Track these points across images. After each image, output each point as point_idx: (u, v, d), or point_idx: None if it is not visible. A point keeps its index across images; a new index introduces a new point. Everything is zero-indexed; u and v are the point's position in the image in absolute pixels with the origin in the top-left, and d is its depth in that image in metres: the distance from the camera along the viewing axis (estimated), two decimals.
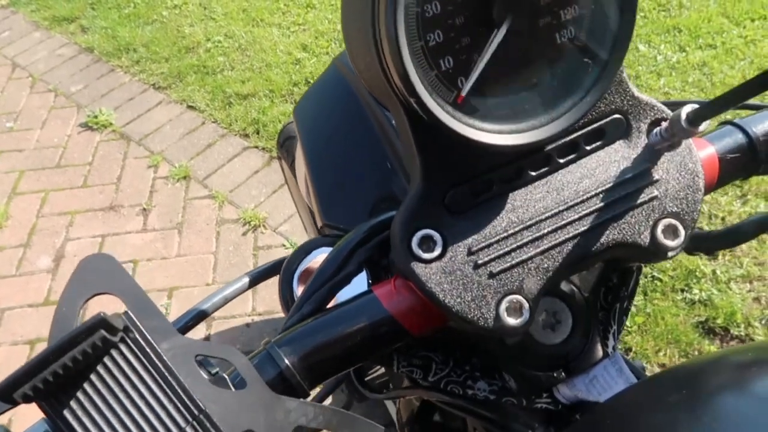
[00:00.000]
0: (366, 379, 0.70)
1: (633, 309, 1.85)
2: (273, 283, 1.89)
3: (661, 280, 1.89)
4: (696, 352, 1.73)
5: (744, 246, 1.92)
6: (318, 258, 0.54)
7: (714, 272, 1.87)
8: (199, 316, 0.56)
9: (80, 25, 3.28)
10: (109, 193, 2.42)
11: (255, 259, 2.14)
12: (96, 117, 2.70)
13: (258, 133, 2.54)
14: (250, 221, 2.22)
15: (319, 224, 0.63)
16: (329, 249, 0.52)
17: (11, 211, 2.39)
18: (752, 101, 0.53)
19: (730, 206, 2.01)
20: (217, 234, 2.23)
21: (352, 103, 0.66)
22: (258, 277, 0.61)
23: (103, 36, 3.16)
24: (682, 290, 1.85)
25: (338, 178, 0.65)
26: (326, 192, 0.65)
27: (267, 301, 2.00)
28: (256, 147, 2.51)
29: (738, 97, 0.35)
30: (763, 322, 1.77)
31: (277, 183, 2.35)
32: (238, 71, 2.82)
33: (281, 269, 0.56)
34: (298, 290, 0.55)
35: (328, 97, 0.71)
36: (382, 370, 0.95)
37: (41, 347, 2.14)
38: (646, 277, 1.91)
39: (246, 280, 0.60)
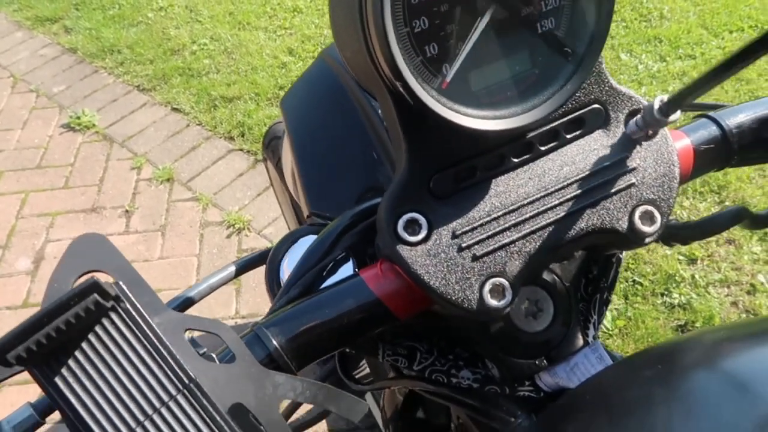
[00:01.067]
0: (357, 376, 0.70)
1: (614, 312, 1.88)
2: (257, 286, 1.88)
3: (641, 284, 1.92)
4: None
5: (722, 251, 1.96)
6: (304, 246, 0.55)
7: (693, 277, 1.90)
8: (185, 303, 0.56)
9: (63, 26, 3.25)
10: (91, 195, 2.40)
11: None
12: (78, 118, 2.68)
13: (243, 136, 2.54)
14: (235, 224, 2.22)
15: (306, 214, 0.64)
16: (315, 237, 0.53)
17: None
18: (718, 102, 0.56)
19: (709, 212, 2.05)
20: (200, 236, 2.22)
21: (339, 94, 0.67)
22: (245, 266, 0.61)
23: (87, 37, 3.14)
24: (662, 294, 1.88)
25: (325, 167, 0.66)
26: (313, 181, 0.65)
27: (251, 303, 1.99)
28: (241, 150, 2.50)
29: (703, 86, 0.37)
30: None
31: (262, 186, 2.34)
32: (224, 74, 2.82)
33: (267, 258, 0.56)
34: (285, 278, 0.55)
35: (316, 89, 0.72)
36: (368, 370, 0.95)
37: None
38: (626, 281, 1.94)
39: (232, 268, 0.60)
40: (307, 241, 0.55)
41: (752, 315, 1.84)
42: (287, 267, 0.55)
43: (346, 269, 0.52)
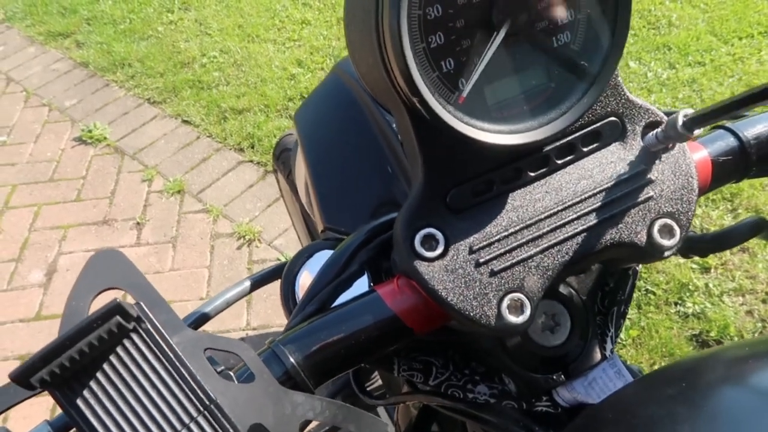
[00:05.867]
0: (368, 389, 0.70)
1: (627, 322, 1.86)
2: (267, 297, 1.88)
3: (654, 294, 1.90)
4: None
5: (736, 259, 1.94)
6: (319, 260, 0.55)
7: (707, 285, 1.88)
8: (201, 319, 0.56)
9: (75, 41, 3.30)
10: (102, 207, 2.41)
11: (249, 273, 2.14)
12: (90, 131, 2.70)
13: (253, 148, 2.55)
14: (245, 235, 2.22)
15: (320, 228, 0.64)
16: (331, 252, 0.53)
17: (3, 225, 2.38)
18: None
19: (721, 220, 2.04)
20: (211, 248, 2.22)
21: (353, 108, 0.67)
22: (260, 281, 0.61)
23: (99, 51, 3.18)
24: (676, 303, 1.87)
25: (339, 182, 0.66)
26: (327, 196, 0.65)
27: (261, 315, 1.99)
28: (251, 161, 2.52)
29: (734, 107, 0.36)
30: (756, 334, 1.78)
31: (272, 197, 2.35)
32: (234, 86, 2.84)
33: (283, 273, 0.56)
34: (300, 293, 0.55)
35: (330, 103, 0.73)
36: (380, 382, 0.95)
37: None
38: (639, 291, 1.92)
39: (247, 284, 0.60)
40: (322, 256, 0.55)
41: None
42: (303, 282, 0.55)
43: (361, 283, 0.52)
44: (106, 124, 2.77)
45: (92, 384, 0.28)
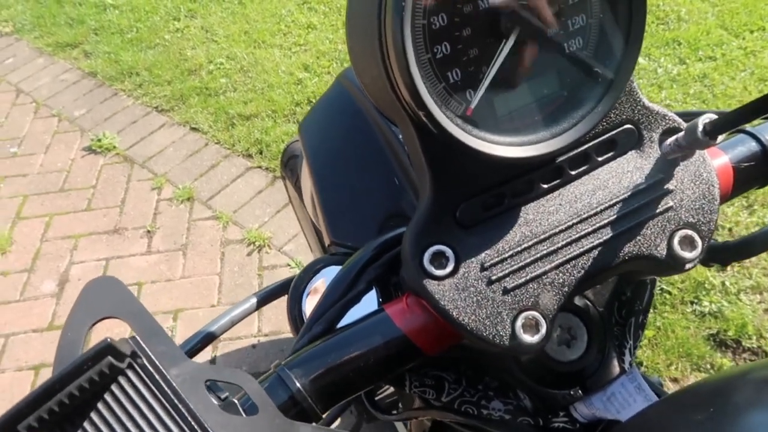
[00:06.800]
0: (376, 399, 0.68)
1: None
2: (278, 304, 1.88)
3: (670, 293, 1.87)
4: (708, 366, 1.71)
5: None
6: (327, 277, 0.53)
7: (723, 284, 1.85)
8: (206, 339, 0.55)
9: (83, 51, 3.31)
10: (113, 216, 2.42)
11: (260, 280, 2.13)
12: (99, 140, 2.71)
13: (261, 153, 2.55)
14: (255, 241, 2.22)
15: (327, 242, 0.63)
16: (338, 267, 0.51)
17: (15, 236, 2.39)
18: None
19: (737, 217, 2.00)
20: (221, 255, 2.22)
21: (358, 119, 0.66)
22: (266, 298, 0.60)
23: (106, 60, 3.19)
24: (692, 302, 1.83)
25: (345, 194, 0.65)
26: (333, 209, 0.64)
27: (273, 321, 1.98)
28: (260, 167, 2.51)
29: (759, 111, 0.34)
30: None
31: (281, 202, 2.34)
32: (241, 92, 2.84)
33: (289, 289, 0.55)
34: (308, 310, 0.54)
35: (334, 114, 0.71)
36: (392, 389, 0.93)
37: (46, 373, 2.12)
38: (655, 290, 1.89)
39: (254, 300, 0.59)
40: (329, 272, 0.53)
41: None
42: (314, 292, 0.54)
43: (370, 298, 0.50)
44: (115, 133, 2.77)
45: (86, 425, 0.27)
